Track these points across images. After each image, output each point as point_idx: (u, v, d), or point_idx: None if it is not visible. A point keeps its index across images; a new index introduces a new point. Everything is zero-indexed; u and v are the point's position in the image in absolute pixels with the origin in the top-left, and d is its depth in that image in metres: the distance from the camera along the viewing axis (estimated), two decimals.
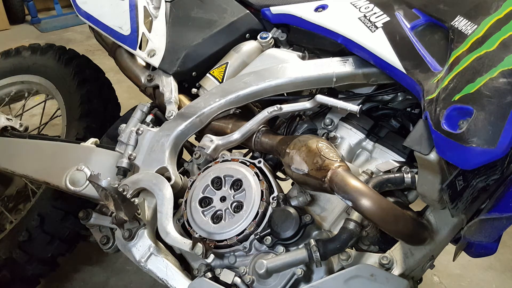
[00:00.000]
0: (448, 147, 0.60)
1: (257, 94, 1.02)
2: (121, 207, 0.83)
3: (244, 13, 1.23)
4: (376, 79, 0.98)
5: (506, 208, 0.63)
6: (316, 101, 0.96)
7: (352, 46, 0.94)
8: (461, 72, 0.65)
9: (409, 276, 0.81)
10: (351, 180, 0.74)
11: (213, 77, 1.15)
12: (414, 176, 0.81)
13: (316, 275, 0.83)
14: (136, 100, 1.42)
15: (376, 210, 0.71)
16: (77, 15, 1.26)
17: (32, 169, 1.14)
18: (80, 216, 1.06)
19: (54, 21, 4.36)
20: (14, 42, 2.08)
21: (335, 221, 0.91)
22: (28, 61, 1.61)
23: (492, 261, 1.74)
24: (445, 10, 0.82)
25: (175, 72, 1.15)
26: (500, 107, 0.56)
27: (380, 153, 0.97)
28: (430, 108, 0.66)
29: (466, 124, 0.58)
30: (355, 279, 0.77)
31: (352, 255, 0.82)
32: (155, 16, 1.22)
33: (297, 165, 0.82)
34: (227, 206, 0.90)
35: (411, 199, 0.89)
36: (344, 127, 1.01)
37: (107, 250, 1.06)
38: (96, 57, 2.00)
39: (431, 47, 0.81)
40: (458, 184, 0.65)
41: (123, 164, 1.04)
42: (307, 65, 1.02)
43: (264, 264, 0.80)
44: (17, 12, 4.24)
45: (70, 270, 1.63)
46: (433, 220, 0.83)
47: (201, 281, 0.85)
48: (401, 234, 0.74)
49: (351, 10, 0.98)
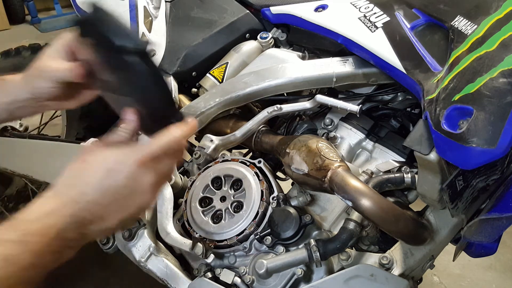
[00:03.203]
0: (448, 147, 0.60)
1: (257, 94, 1.02)
2: None
3: (244, 13, 1.23)
4: (376, 79, 0.98)
5: (506, 208, 0.63)
6: (316, 101, 0.96)
7: (352, 46, 0.94)
8: (461, 72, 0.65)
9: (409, 276, 0.81)
10: (351, 180, 0.74)
11: (213, 77, 1.15)
12: (414, 176, 0.81)
13: (316, 275, 0.83)
14: None
15: (376, 210, 0.71)
16: (77, 15, 1.26)
17: (32, 169, 1.14)
18: None
19: (54, 21, 4.36)
20: (14, 42, 2.08)
21: (335, 221, 0.91)
22: (28, 61, 1.60)
23: (492, 261, 1.74)
24: (445, 10, 0.82)
25: (175, 72, 1.15)
26: (500, 107, 0.56)
27: (380, 153, 0.97)
28: (430, 108, 0.66)
29: (466, 124, 0.58)
30: (355, 279, 0.77)
31: (352, 255, 0.82)
32: (155, 16, 1.22)
33: (297, 165, 0.82)
34: (227, 206, 0.90)
35: (411, 199, 0.89)
36: (344, 127, 1.01)
37: (107, 250, 1.06)
38: None
39: (431, 47, 0.81)
40: (458, 184, 0.65)
41: None
42: (307, 65, 1.02)
43: (264, 264, 0.80)
44: (17, 12, 4.23)
45: (70, 270, 1.63)
46: (433, 220, 0.83)
47: (201, 281, 0.85)
48: (401, 234, 0.74)
49: (351, 10, 0.98)
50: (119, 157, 0.55)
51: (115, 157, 0.55)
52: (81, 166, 0.55)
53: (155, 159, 0.56)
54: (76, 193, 0.52)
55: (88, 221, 0.52)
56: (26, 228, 0.48)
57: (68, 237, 0.50)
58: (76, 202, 0.52)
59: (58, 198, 0.52)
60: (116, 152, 0.55)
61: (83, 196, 0.52)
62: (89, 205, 0.52)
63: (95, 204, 0.53)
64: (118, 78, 0.62)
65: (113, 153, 0.55)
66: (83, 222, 0.52)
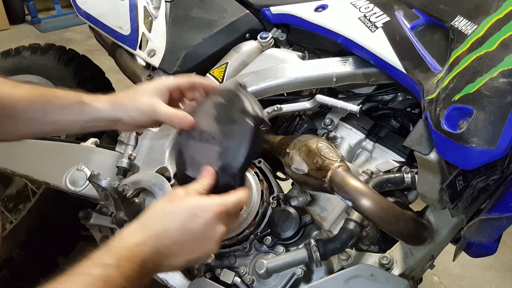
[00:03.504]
0: (448, 147, 0.60)
1: (257, 94, 1.02)
2: (121, 207, 0.83)
3: (244, 13, 1.23)
4: (376, 79, 0.98)
5: (506, 208, 0.63)
6: (316, 101, 0.96)
7: (352, 46, 0.94)
8: (461, 72, 0.65)
9: (409, 276, 0.81)
10: (351, 180, 0.74)
11: (213, 77, 1.14)
12: (414, 176, 0.81)
13: (316, 275, 0.83)
14: None
15: (376, 210, 0.71)
16: (77, 15, 1.26)
17: (32, 169, 1.14)
18: (80, 216, 1.06)
19: (54, 21, 4.36)
20: (14, 42, 2.08)
21: (335, 221, 0.91)
22: (28, 61, 1.61)
23: (492, 261, 1.74)
24: (445, 10, 0.82)
25: (175, 72, 1.15)
26: (500, 107, 0.56)
27: (380, 153, 0.97)
28: (430, 108, 0.66)
29: (466, 124, 0.58)
30: (355, 279, 0.77)
31: (352, 255, 0.82)
32: (155, 16, 1.22)
33: (297, 165, 0.82)
34: None
35: (411, 199, 0.89)
36: (344, 127, 1.01)
37: None
38: (96, 57, 2.00)
39: (431, 47, 0.81)
40: (458, 184, 0.65)
41: (123, 164, 1.04)
42: (307, 65, 1.02)
43: (264, 264, 0.80)
44: (17, 12, 4.23)
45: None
46: (433, 220, 0.83)
47: (201, 281, 0.85)
48: (401, 234, 0.74)
49: (351, 10, 0.98)
50: (202, 205, 0.62)
51: (199, 204, 0.62)
52: (168, 206, 0.62)
53: (227, 214, 0.64)
54: (161, 229, 0.59)
55: (165, 256, 0.59)
56: (120, 254, 0.54)
57: (147, 267, 0.56)
58: (159, 236, 0.58)
59: (145, 231, 0.59)
60: (199, 200, 0.63)
61: (166, 233, 0.59)
62: (169, 242, 0.59)
63: (174, 242, 0.59)
64: (224, 130, 0.72)
65: (197, 201, 0.63)
66: (161, 256, 0.58)
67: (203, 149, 0.73)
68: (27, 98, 0.71)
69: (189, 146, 0.76)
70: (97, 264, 0.52)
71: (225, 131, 0.72)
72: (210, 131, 0.73)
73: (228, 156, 0.71)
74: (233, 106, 0.74)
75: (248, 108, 0.73)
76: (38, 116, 0.73)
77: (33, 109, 0.72)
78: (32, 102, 0.72)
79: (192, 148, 0.75)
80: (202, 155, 0.73)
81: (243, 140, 0.70)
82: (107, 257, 0.53)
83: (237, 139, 0.71)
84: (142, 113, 0.74)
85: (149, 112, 0.73)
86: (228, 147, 0.71)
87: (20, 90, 0.71)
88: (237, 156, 0.70)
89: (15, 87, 0.72)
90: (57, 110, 0.73)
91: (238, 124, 0.72)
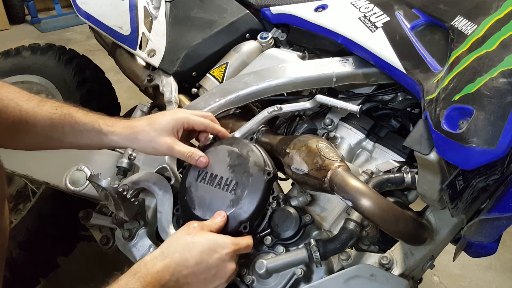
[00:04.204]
0: (448, 147, 0.60)
1: (257, 94, 1.02)
2: (121, 207, 0.83)
3: (244, 13, 1.23)
4: (376, 79, 0.98)
5: (506, 208, 0.63)
6: (316, 101, 0.96)
7: (352, 46, 0.94)
8: (461, 72, 0.65)
9: (409, 276, 0.81)
10: (351, 180, 0.74)
11: (213, 77, 1.15)
12: (414, 176, 0.81)
13: (316, 275, 0.83)
14: (136, 100, 1.42)
15: (376, 210, 0.71)
16: (77, 15, 1.26)
17: (32, 169, 1.14)
18: (80, 216, 1.06)
19: (54, 21, 4.35)
20: (14, 42, 2.08)
21: (335, 221, 0.91)
22: (28, 61, 1.61)
23: (492, 261, 1.74)
24: (445, 10, 0.82)
25: (175, 72, 1.15)
26: (500, 107, 0.56)
27: (380, 153, 0.97)
28: (430, 108, 0.66)
29: (466, 124, 0.58)
30: (355, 279, 0.77)
31: (352, 255, 0.82)
32: (155, 16, 1.22)
33: (297, 165, 0.82)
34: None
35: (411, 199, 0.89)
36: (344, 127, 1.01)
37: (107, 250, 1.06)
38: (96, 57, 2.00)
39: (431, 47, 0.81)
40: (458, 184, 0.65)
41: (123, 164, 1.04)
42: (307, 65, 1.02)
43: (264, 264, 0.80)
44: (17, 12, 4.23)
45: (70, 270, 1.63)
46: (433, 220, 0.83)
47: None
48: (401, 234, 0.74)
49: (351, 10, 0.98)
50: (219, 242, 0.69)
51: (217, 241, 0.69)
52: (189, 238, 0.69)
53: (237, 254, 0.72)
54: (180, 259, 0.66)
55: (181, 284, 0.65)
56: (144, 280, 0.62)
57: None
58: (178, 265, 0.65)
59: (165, 260, 0.65)
60: (216, 237, 0.70)
61: (185, 262, 0.66)
62: (186, 272, 0.65)
63: (191, 272, 0.66)
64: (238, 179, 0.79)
65: (214, 237, 0.70)
66: (178, 283, 0.65)
67: (215, 193, 0.80)
68: (48, 119, 0.76)
69: (199, 186, 0.82)
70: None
71: (239, 180, 0.79)
72: (223, 177, 0.80)
73: (240, 205, 0.77)
74: (248, 157, 0.81)
75: (262, 162, 0.80)
76: (57, 136, 0.78)
77: (53, 129, 0.77)
78: (53, 123, 0.77)
79: (202, 189, 0.81)
80: (214, 199, 0.80)
81: (257, 192, 0.77)
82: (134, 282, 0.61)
83: (251, 190, 0.77)
84: (158, 151, 0.81)
85: (165, 151, 0.81)
86: (241, 196, 0.77)
87: (44, 109, 0.76)
88: (250, 206, 0.77)
89: (40, 105, 0.77)
90: (75, 134, 0.79)
91: (253, 177, 0.78)
